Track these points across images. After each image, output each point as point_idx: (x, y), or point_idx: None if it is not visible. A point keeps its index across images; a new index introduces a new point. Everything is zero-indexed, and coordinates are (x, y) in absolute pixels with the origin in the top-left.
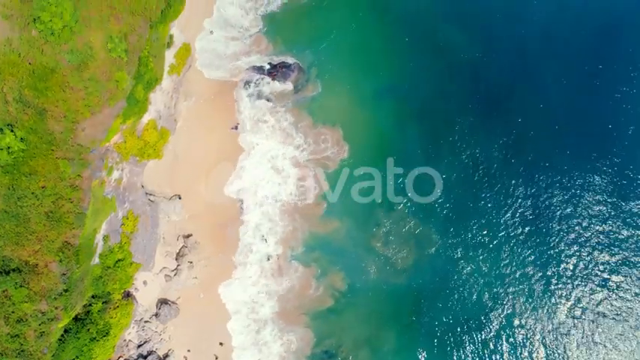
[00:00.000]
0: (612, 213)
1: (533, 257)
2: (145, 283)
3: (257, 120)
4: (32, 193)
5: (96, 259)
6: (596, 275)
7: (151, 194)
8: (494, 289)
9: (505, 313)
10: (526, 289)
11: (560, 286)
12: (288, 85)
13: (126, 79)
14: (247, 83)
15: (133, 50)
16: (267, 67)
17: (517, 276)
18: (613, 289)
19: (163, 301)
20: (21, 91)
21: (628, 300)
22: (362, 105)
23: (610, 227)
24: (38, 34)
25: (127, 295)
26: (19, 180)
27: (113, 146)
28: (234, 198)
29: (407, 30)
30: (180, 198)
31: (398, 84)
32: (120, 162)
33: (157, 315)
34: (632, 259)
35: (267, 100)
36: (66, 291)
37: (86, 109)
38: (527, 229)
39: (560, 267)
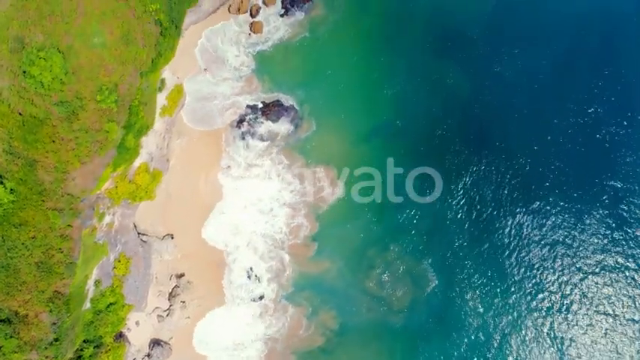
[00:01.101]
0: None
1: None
2: (137, 323)
3: (249, 161)
4: (22, 243)
5: (87, 304)
6: (600, 324)
7: (143, 234)
8: (491, 331)
9: (503, 355)
10: (523, 331)
11: (559, 330)
12: (281, 125)
13: (116, 129)
14: (240, 122)
15: (123, 100)
16: (260, 105)
17: (515, 317)
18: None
19: (156, 342)
20: (10, 143)
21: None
22: (356, 144)
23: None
24: (28, 85)
25: (120, 335)
26: (9, 231)
27: (104, 192)
28: (224, 238)
29: (401, 68)
30: (172, 238)
31: (392, 122)
32: (111, 207)
33: (149, 356)
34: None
35: (260, 140)
36: (56, 340)
37: (76, 159)
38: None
39: (558, 312)
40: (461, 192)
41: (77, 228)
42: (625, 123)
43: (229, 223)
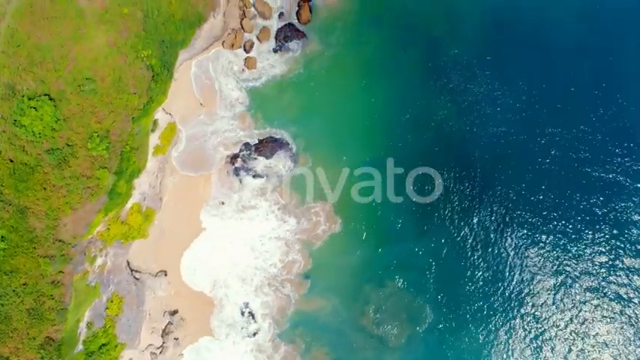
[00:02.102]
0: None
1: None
2: None
3: (243, 197)
4: (13, 290)
5: (79, 347)
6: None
7: (136, 270)
8: None
9: None
10: None
11: None
12: (276, 161)
13: (107, 176)
14: (234, 158)
15: (114, 147)
16: (254, 142)
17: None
18: None
19: None
20: (1, 190)
21: None
22: (351, 178)
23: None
24: (19, 133)
25: None
26: (0, 278)
27: (96, 235)
28: (216, 276)
29: (396, 104)
30: (165, 275)
31: (385, 156)
32: (103, 248)
33: None
34: None
35: (254, 176)
36: None
37: (67, 206)
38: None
39: (561, 352)
40: (456, 230)
41: (69, 274)
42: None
43: (220, 260)
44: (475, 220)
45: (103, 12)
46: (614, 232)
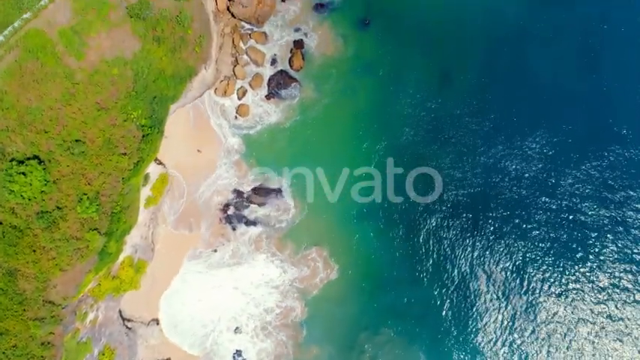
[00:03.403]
0: None
1: None
2: None
3: (235, 246)
4: (3, 352)
5: None
6: None
7: (128, 319)
8: None
9: None
10: None
11: None
12: (269, 208)
13: (97, 238)
14: (226, 206)
15: (104, 208)
16: (247, 190)
17: None
18: None
19: None
20: None
21: None
22: (346, 223)
23: None
24: (9, 198)
25: None
26: None
27: (87, 292)
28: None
29: (391, 152)
30: (158, 323)
31: (379, 204)
32: (94, 303)
33: None
34: None
35: (246, 224)
36: None
37: (57, 268)
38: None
39: None
40: (448, 278)
41: (59, 335)
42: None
43: (212, 308)
44: (468, 269)
45: (92, 73)
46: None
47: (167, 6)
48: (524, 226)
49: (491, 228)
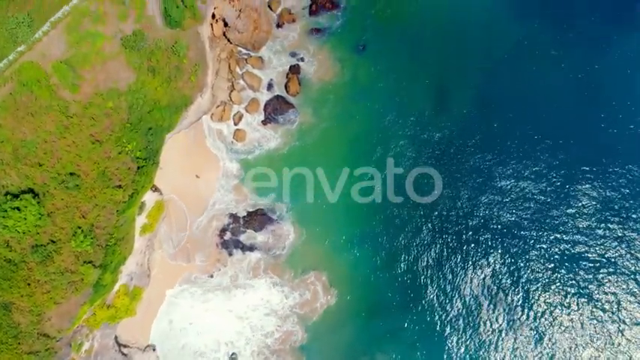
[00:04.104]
0: None
1: None
2: None
3: (231, 271)
4: None
5: None
6: None
7: (124, 345)
8: None
9: None
10: None
11: None
12: (265, 234)
13: (92, 272)
14: (223, 232)
15: (99, 240)
16: (246, 215)
17: None
18: None
19: None
20: None
21: None
22: (344, 249)
23: None
24: (4, 233)
25: None
26: None
27: (82, 322)
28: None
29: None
30: (154, 349)
31: (376, 230)
32: (90, 333)
33: None
34: None
35: (243, 250)
36: None
37: (51, 301)
38: None
39: None
40: (446, 303)
41: None
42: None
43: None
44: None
45: (86, 105)
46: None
47: (162, 36)
48: (525, 256)
49: (490, 258)
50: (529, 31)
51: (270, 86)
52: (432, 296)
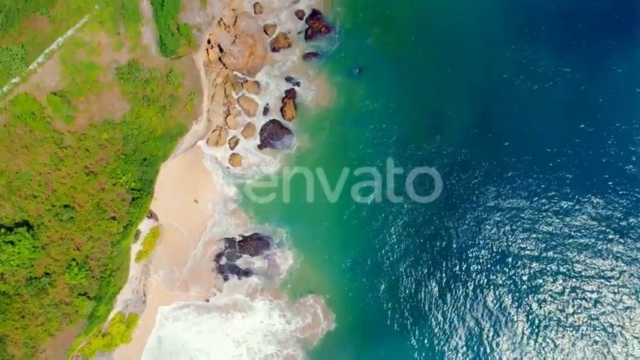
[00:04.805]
0: None
1: None
2: None
3: (227, 296)
4: None
5: None
6: None
7: None
8: None
9: None
10: None
11: None
12: (264, 259)
13: (86, 304)
14: (219, 257)
15: (93, 272)
16: (243, 239)
17: None
18: None
19: None
20: None
21: None
22: (341, 272)
23: None
24: None
25: None
26: None
27: (77, 351)
28: None
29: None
30: None
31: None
32: None
33: None
34: None
35: (238, 276)
36: None
37: (46, 333)
38: None
39: None
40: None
41: None
42: None
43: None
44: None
45: (81, 137)
46: None
47: (157, 65)
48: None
49: (492, 290)
50: (528, 54)
51: (266, 111)
52: (432, 321)
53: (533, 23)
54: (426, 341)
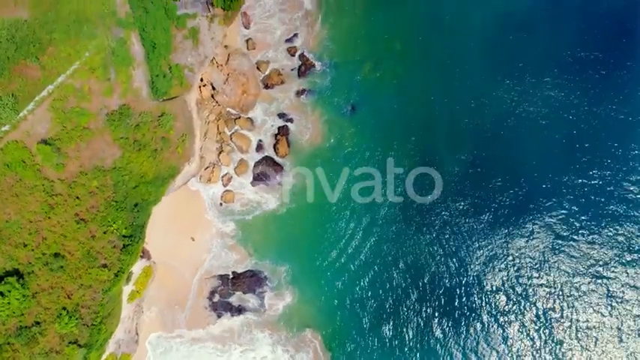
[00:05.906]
0: None
1: None
2: None
3: (220, 334)
4: None
5: None
6: None
7: None
8: None
9: None
10: None
11: None
12: (255, 297)
13: (76, 353)
14: (212, 294)
15: (84, 320)
16: (230, 276)
17: None
18: None
19: None
20: None
21: None
22: (338, 309)
23: None
24: None
25: None
26: None
27: None
28: None
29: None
30: None
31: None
32: None
33: None
34: None
35: (231, 314)
36: None
37: None
38: None
39: None
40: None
41: None
42: None
43: None
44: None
45: (71, 185)
46: None
47: (148, 108)
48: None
49: (494, 321)
50: (522, 87)
51: (259, 147)
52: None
53: (522, 57)
54: None
